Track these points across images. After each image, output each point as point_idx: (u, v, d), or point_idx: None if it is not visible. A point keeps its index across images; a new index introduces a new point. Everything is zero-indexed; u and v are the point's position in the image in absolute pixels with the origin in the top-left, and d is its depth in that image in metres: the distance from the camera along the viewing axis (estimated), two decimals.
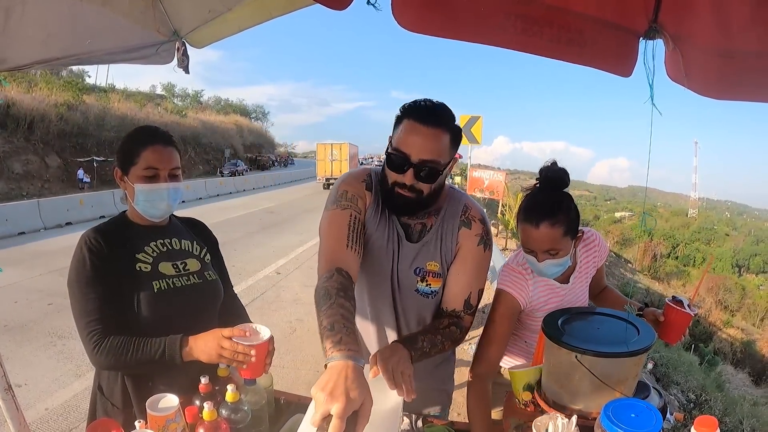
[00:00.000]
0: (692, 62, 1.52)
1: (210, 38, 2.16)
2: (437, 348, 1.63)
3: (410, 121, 1.60)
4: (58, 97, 27.21)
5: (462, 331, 1.77)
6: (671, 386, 7.78)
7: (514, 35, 1.55)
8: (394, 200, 1.68)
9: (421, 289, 1.81)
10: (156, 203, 1.75)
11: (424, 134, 1.58)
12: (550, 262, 1.79)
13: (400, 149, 1.60)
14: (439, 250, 1.79)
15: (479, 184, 15.06)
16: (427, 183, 1.63)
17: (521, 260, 1.95)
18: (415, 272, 1.79)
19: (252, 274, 9.50)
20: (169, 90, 59.31)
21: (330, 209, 1.73)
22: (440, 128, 1.59)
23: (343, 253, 1.61)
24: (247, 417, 1.50)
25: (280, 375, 4.90)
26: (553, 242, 1.75)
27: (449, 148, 1.63)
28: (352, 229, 1.67)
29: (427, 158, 1.58)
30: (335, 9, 1.49)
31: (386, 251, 1.78)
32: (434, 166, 1.60)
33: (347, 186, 1.77)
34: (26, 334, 6.19)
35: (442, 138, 1.60)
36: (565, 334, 1.54)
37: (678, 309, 1.87)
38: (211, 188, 26.95)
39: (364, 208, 1.75)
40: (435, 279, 1.80)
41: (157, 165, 1.72)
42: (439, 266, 1.80)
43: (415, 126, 1.59)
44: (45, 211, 15.30)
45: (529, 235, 1.78)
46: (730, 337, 26.21)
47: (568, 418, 1.41)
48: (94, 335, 1.58)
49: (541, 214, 1.74)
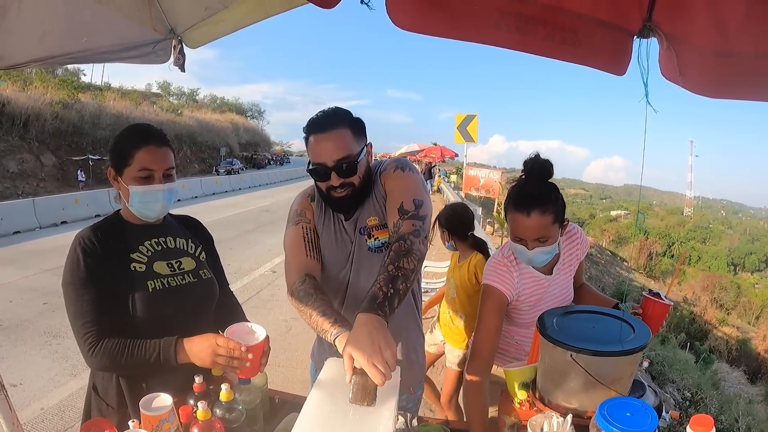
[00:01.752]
0: (686, 61, 1.52)
1: (206, 37, 2.15)
2: (399, 279, 1.53)
3: (312, 135, 1.81)
4: (53, 96, 27.07)
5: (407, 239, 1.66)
6: (667, 384, 7.80)
7: (508, 34, 1.55)
8: (337, 202, 1.86)
9: (371, 245, 1.91)
10: (151, 205, 1.74)
11: (327, 139, 1.77)
12: (540, 250, 1.86)
13: (316, 161, 1.80)
14: (372, 206, 1.91)
15: (475, 183, 15.09)
16: (351, 176, 1.79)
17: (506, 253, 2.03)
18: (360, 233, 1.92)
19: (247, 272, 9.48)
20: (165, 88, 59.10)
21: (288, 227, 1.99)
22: (336, 128, 1.77)
23: (306, 262, 1.87)
24: (241, 416, 1.49)
25: (275, 374, 4.89)
26: (543, 230, 1.83)
27: (354, 140, 1.79)
28: (307, 239, 1.92)
29: (339, 157, 1.76)
30: (323, 7, 1.49)
31: (337, 240, 1.95)
32: (349, 160, 1.77)
33: (297, 204, 2.03)
34: (21, 333, 6.18)
35: (342, 135, 1.77)
36: (561, 333, 1.54)
37: (656, 300, 1.98)
38: (207, 187, 26.88)
39: (312, 217, 1.99)
40: (380, 231, 1.91)
41: (151, 166, 1.71)
42: (378, 218, 1.90)
43: (317, 137, 1.79)
44: (40, 209, 15.24)
45: (520, 224, 1.86)
46: (726, 335, 26.27)
47: (563, 417, 1.41)
48: (89, 337, 1.57)
49: (531, 203, 1.82)
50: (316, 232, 1.97)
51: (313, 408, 1.32)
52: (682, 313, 26.87)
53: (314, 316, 1.59)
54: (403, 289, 1.53)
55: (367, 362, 1.27)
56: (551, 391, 1.58)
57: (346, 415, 1.29)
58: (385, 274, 1.54)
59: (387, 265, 1.58)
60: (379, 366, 1.26)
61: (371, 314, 1.40)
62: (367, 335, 1.33)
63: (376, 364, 1.26)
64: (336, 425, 1.26)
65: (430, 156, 28.65)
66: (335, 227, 1.96)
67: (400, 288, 1.52)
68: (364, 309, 1.42)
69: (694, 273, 46.81)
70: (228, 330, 1.54)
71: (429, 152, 28.46)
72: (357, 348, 1.30)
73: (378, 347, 1.30)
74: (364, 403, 1.27)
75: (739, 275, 52.44)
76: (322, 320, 1.56)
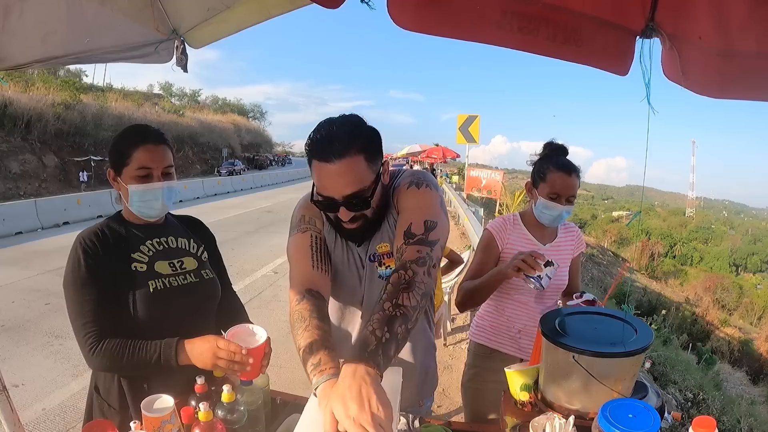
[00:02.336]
0: (689, 61, 1.52)
1: (209, 38, 2.15)
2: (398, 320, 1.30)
3: (316, 162, 1.52)
4: (55, 97, 27.17)
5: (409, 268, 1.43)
6: (669, 385, 7.79)
7: (510, 33, 1.55)
8: (347, 233, 1.68)
9: (382, 273, 1.74)
10: (151, 203, 1.74)
11: (335, 173, 1.50)
12: (567, 208, 2.26)
13: (323, 194, 1.56)
14: (385, 231, 1.72)
15: (476, 184, 15.09)
16: (364, 209, 1.59)
17: (509, 216, 2.48)
18: (371, 260, 1.75)
19: (249, 273, 9.48)
20: (167, 89, 59.18)
21: (293, 235, 1.77)
22: (346, 158, 1.48)
23: (311, 274, 1.63)
24: (243, 417, 1.49)
25: (276, 374, 4.89)
26: (575, 189, 2.27)
27: (368, 167, 1.53)
28: (315, 249, 1.69)
29: (350, 192, 1.52)
30: (328, 7, 1.49)
31: (348, 261, 1.78)
32: (361, 194, 1.54)
33: (304, 210, 1.79)
34: (23, 334, 6.18)
35: (353, 166, 1.50)
36: (563, 334, 1.54)
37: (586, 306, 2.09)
38: (209, 187, 26.93)
39: (322, 226, 1.77)
40: (391, 259, 1.72)
41: (149, 164, 1.71)
42: (390, 245, 1.71)
43: (323, 167, 1.51)
44: (42, 210, 15.28)
45: (563, 182, 2.24)
46: (728, 336, 26.24)
47: (565, 418, 1.40)
48: (90, 338, 1.57)
49: (572, 167, 2.26)
50: (326, 243, 1.76)
51: (315, 409, 1.30)
52: (684, 313, 26.87)
53: (300, 347, 1.37)
54: (401, 332, 1.29)
55: (353, 424, 1.06)
56: (553, 392, 1.57)
57: None
58: (381, 313, 1.30)
59: (383, 302, 1.34)
60: (369, 429, 1.05)
61: (360, 365, 1.17)
62: (355, 390, 1.11)
63: (363, 425, 1.05)
64: None
65: (431, 157, 28.63)
66: (344, 246, 1.78)
67: (398, 332, 1.28)
68: (352, 357, 1.21)
69: (697, 274, 46.77)
70: (229, 332, 1.53)
71: (431, 153, 28.45)
72: (340, 405, 1.09)
73: (367, 405, 1.08)
74: None
75: (742, 276, 52.39)
76: (305, 357, 1.33)
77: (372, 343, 1.23)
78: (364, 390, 1.10)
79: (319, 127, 1.55)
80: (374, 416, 1.07)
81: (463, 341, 6.14)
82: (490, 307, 2.50)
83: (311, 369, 1.28)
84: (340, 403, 1.09)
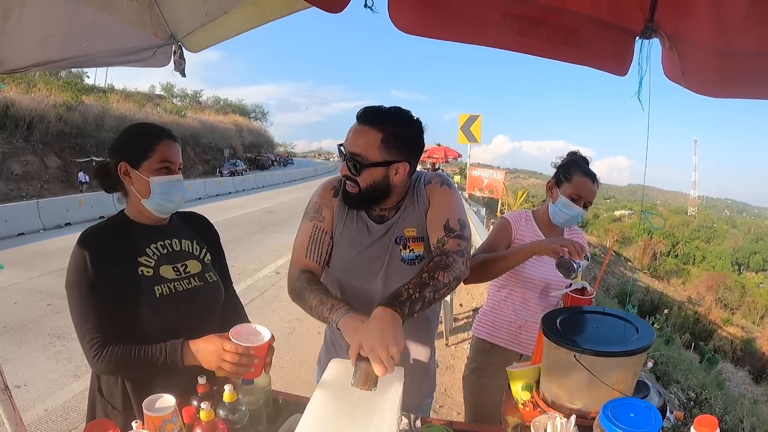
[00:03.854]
0: (689, 61, 1.52)
1: (206, 42, 2.16)
2: (429, 287, 1.52)
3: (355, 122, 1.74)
4: (57, 98, 27.17)
5: (451, 256, 1.66)
6: (671, 384, 7.78)
7: (510, 36, 1.55)
8: (347, 196, 1.82)
9: (406, 256, 1.85)
10: (172, 195, 1.74)
11: (355, 130, 1.73)
12: (581, 212, 2.37)
13: (344, 143, 1.77)
14: (413, 216, 1.86)
15: (478, 183, 15.07)
16: (355, 175, 1.73)
17: (524, 212, 2.56)
18: (396, 241, 1.85)
19: (251, 273, 9.48)
20: (168, 90, 59.14)
21: (303, 220, 1.94)
22: (369, 126, 1.70)
23: (304, 262, 1.84)
24: (244, 417, 1.49)
25: (278, 374, 4.90)
26: (593, 197, 2.39)
27: (379, 146, 1.70)
28: (312, 239, 1.87)
29: (353, 151, 1.71)
30: (331, 12, 1.49)
31: (362, 244, 1.87)
32: (359, 159, 1.71)
33: (318, 197, 1.96)
34: (25, 334, 6.18)
35: (368, 134, 1.70)
36: (564, 333, 1.54)
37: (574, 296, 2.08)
38: (211, 188, 26.90)
39: (330, 216, 1.91)
40: (416, 243, 1.86)
41: (171, 158, 1.73)
42: (417, 230, 1.85)
43: (354, 124, 1.74)
44: (44, 211, 15.27)
45: (586, 186, 2.36)
46: (730, 335, 26.16)
47: (566, 418, 1.41)
48: (95, 343, 1.56)
49: (594, 176, 2.39)
50: (328, 234, 1.90)
51: (317, 409, 1.32)
52: (686, 313, 26.81)
53: (314, 307, 1.60)
54: (429, 297, 1.51)
55: (372, 354, 1.30)
56: (555, 391, 1.57)
57: (350, 416, 1.29)
58: (418, 278, 1.54)
59: (423, 272, 1.57)
60: (383, 359, 1.29)
61: (388, 309, 1.40)
62: (378, 328, 1.35)
63: (380, 356, 1.29)
64: (340, 426, 1.26)
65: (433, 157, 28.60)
66: (359, 227, 1.88)
67: (426, 296, 1.50)
68: (384, 302, 1.43)
69: (699, 273, 46.66)
70: (232, 330, 1.52)
71: (432, 153, 28.38)
72: (365, 338, 1.33)
73: (385, 342, 1.31)
74: (366, 388, 1.31)
75: (744, 275, 52.24)
76: (321, 309, 1.58)
77: (404, 296, 1.46)
78: (387, 330, 1.34)
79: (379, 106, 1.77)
80: (388, 351, 1.30)
81: (465, 341, 6.14)
82: (493, 302, 2.57)
83: (328, 312, 1.54)
84: (365, 336, 1.34)
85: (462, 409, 3.21)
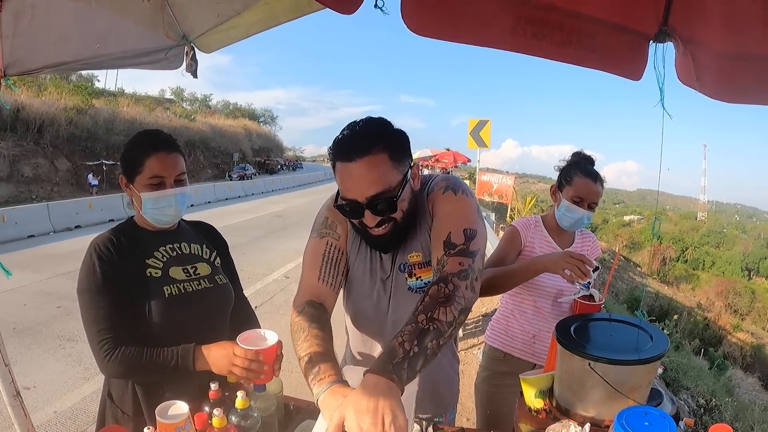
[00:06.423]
0: (703, 65, 1.51)
1: (218, 43, 2.16)
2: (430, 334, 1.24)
3: (339, 163, 1.46)
4: (67, 101, 27.47)
5: (450, 282, 1.36)
6: (681, 391, 7.73)
7: (524, 39, 1.54)
8: (374, 241, 1.59)
9: (413, 284, 1.65)
10: (164, 210, 1.74)
11: (357, 171, 1.42)
12: (588, 213, 2.33)
13: (346, 197, 1.48)
14: (416, 239, 1.63)
15: (488, 188, 15.01)
16: (391, 212, 1.49)
17: (534, 219, 2.53)
18: (401, 269, 1.65)
19: (261, 278, 9.51)
20: (178, 94, 59.62)
21: (312, 237, 1.71)
22: (369, 155, 1.41)
23: (316, 286, 1.59)
24: (256, 423, 1.49)
25: (289, 380, 4.87)
26: (598, 197, 2.34)
27: (393, 167, 1.45)
28: (326, 259, 1.63)
29: (373, 193, 1.43)
30: (344, 13, 1.49)
31: (372, 271, 1.71)
32: (386, 195, 1.45)
33: (328, 212, 1.71)
34: (35, 337, 6.22)
35: (377, 164, 1.42)
36: (578, 341, 1.53)
37: (584, 303, 2.12)
38: (220, 192, 27.06)
39: (344, 233, 1.70)
40: (422, 269, 1.64)
41: (162, 173, 1.70)
42: (422, 254, 1.63)
43: (345, 167, 1.44)
44: (54, 214, 15.39)
45: (588, 187, 2.31)
46: (740, 341, 26.00)
47: (581, 426, 1.40)
48: (105, 344, 1.57)
49: (596, 175, 2.34)
50: (343, 253, 1.69)
51: None
52: (696, 318, 26.65)
53: (301, 359, 1.34)
54: (432, 347, 1.23)
55: None
56: (569, 399, 1.56)
57: None
58: (413, 325, 1.25)
59: (418, 313, 1.28)
60: None
61: (382, 377, 1.12)
62: (372, 403, 1.06)
63: None
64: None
65: (443, 161, 28.57)
66: (370, 255, 1.69)
67: (428, 346, 1.22)
68: (375, 368, 1.16)
69: (708, 278, 46.36)
70: (240, 337, 1.52)
71: (442, 157, 28.37)
72: (354, 415, 1.05)
73: (380, 421, 1.03)
74: None
75: (754, 280, 51.82)
76: (306, 368, 1.30)
77: (399, 355, 1.18)
78: (382, 404, 1.05)
79: (344, 128, 1.49)
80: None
81: (475, 346, 6.12)
82: (506, 310, 2.55)
83: (311, 379, 1.27)
84: (353, 413, 1.05)
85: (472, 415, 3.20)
